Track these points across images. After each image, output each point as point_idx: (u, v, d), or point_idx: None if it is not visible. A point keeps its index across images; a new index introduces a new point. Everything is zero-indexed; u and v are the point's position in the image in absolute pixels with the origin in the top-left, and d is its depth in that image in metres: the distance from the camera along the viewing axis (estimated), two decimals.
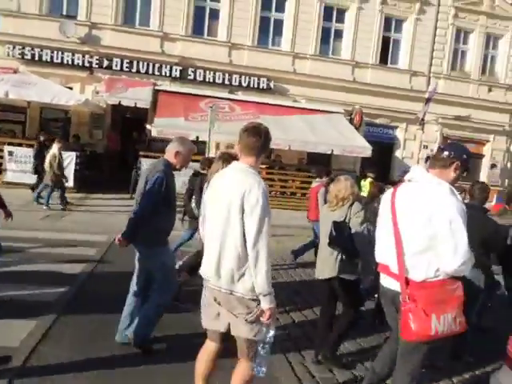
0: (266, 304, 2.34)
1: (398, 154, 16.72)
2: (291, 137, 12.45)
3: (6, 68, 12.82)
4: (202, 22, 14.57)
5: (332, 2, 15.35)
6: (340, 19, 15.66)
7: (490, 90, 16.96)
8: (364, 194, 8.55)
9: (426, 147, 16.85)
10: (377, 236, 2.78)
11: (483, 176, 17.17)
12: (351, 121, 15.22)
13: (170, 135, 11.71)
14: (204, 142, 11.05)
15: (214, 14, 14.69)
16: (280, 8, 15.11)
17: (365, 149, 13.25)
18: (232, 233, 2.37)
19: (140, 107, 12.31)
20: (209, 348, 2.68)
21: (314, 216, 6.57)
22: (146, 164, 11.63)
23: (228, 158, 3.58)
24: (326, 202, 4.59)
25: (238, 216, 2.34)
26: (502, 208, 15.55)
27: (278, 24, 15.20)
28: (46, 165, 9.45)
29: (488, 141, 17.32)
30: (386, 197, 2.75)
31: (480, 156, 17.38)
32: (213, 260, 2.44)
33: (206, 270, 2.54)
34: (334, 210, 3.76)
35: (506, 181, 17.64)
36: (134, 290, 3.69)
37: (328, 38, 15.64)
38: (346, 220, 3.63)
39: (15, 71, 12.73)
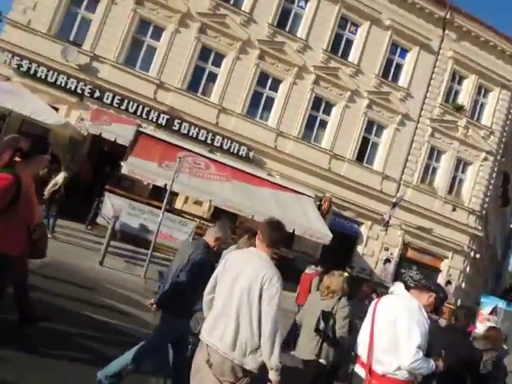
0: (275, 377, 2.88)
1: (359, 249, 17.99)
2: (257, 207, 13.51)
3: None
4: (199, 80, 16.24)
5: (323, 95, 17.49)
6: (327, 111, 17.71)
7: (454, 210, 18.92)
8: None
9: (387, 249, 18.26)
10: (360, 332, 3.61)
11: None
12: (319, 207, 16.59)
13: (139, 176, 12.72)
14: (171, 192, 11.87)
15: (212, 77, 16.43)
16: (274, 87, 17.07)
17: (325, 236, 14.37)
18: (247, 313, 2.88)
19: (119, 143, 13.26)
20: None
21: (304, 300, 7.37)
22: (113, 201, 12.29)
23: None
24: (317, 289, 5.35)
25: (257, 301, 2.85)
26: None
27: (270, 101, 17.06)
28: (47, 193, 10.06)
29: (446, 257, 18.90)
30: (373, 302, 3.64)
31: (436, 270, 18.88)
32: (228, 334, 2.90)
33: (211, 338, 2.97)
34: (323, 299, 4.63)
35: (459, 301, 18.92)
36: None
37: (313, 125, 17.55)
38: (333, 311, 4.46)
39: (8, 79, 13.72)
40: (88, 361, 4.35)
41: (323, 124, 17.78)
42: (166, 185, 12.49)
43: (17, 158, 3.20)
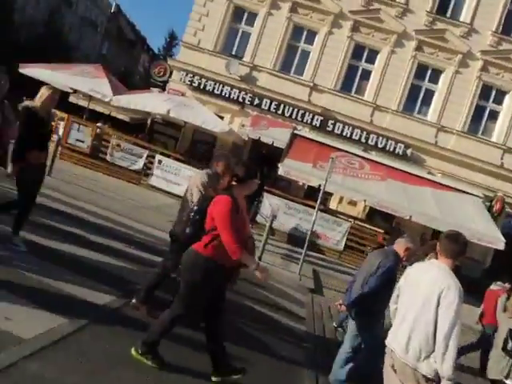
0: None
1: None
2: (415, 208, 12.93)
3: (176, 90, 16.18)
4: (352, 79, 16.31)
5: (493, 82, 15.84)
6: (498, 100, 16.00)
7: None
8: None
9: None
10: None
11: None
12: (490, 208, 15.06)
13: (294, 177, 13.35)
14: (325, 192, 12.18)
15: (365, 75, 16.32)
16: (434, 79, 16.12)
17: (496, 240, 12.93)
18: (424, 320, 3.02)
19: (276, 146, 14.21)
20: None
21: (490, 320, 6.95)
22: (270, 201, 13.28)
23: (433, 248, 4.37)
24: (505, 309, 5.21)
25: (434, 308, 2.98)
26: None
27: (429, 94, 16.16)
28: None
29: None
30: None
31: None
32: (403, 337, 3.12)
33: (393, 342, 3.25)
34: (511, 317, 4.60)
35: None
36: (347, 347, 4.51)
37: (481, 116, 16.04)
38: None
39: (182, 94, 15.94)
40: (249, 346, 4.89)
41: (494, 115, 16.11)
42: (320, 185, 12.92)
43: (233, 183, 3.73)
